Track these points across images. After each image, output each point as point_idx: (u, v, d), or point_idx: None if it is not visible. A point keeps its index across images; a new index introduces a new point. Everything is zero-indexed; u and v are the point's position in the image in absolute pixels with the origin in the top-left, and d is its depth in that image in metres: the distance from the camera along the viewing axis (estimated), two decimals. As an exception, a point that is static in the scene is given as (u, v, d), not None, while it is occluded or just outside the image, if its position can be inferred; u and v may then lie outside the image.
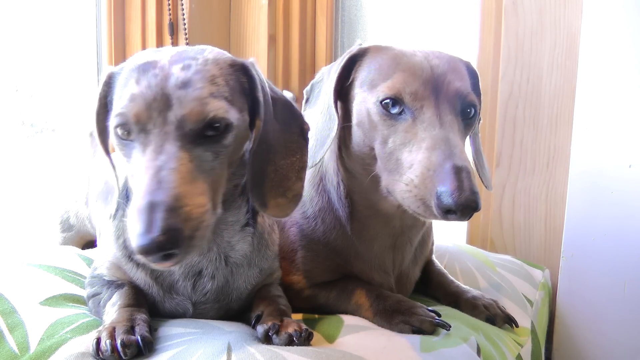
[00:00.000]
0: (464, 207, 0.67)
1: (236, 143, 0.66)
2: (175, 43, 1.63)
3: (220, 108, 0.62)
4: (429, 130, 0.74)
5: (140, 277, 0.79)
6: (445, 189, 0.68)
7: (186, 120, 0.61)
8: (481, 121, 0.97)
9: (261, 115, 0.67)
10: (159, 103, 0.61)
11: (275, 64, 1.77)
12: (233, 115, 0.63)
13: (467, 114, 0.80)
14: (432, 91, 0.77)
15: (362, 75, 0.83)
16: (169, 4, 1.61)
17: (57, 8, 1.59)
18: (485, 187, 0.92)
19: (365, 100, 0.81)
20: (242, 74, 0.68)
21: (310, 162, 0.80)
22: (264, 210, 0.70)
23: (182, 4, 1.62)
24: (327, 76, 0.89)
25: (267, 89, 0.70)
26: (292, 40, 1.77)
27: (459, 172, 0.69)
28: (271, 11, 1.73)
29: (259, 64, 1.83)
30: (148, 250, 0.55)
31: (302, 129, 0.74)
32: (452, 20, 1.59)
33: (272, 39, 1.74)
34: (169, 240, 0.54)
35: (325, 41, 1.78)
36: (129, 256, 0.79)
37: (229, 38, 1.81)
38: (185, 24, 1.62)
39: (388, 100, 0.77)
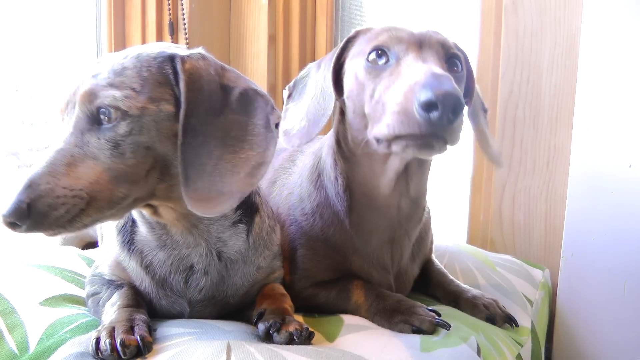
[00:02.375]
0: (444, 97, 0.66)
1: (146, 133, 0.64)
2: (175, 43, 1.63)
3: (110, 96, 0.63)
4: (413, 65, 0.75)
5: (132, 267, 0.79)
6: (425, 88, 0.68)
7: (79, 107, 0.64)
8: (488, 111, 0.97)
9: (182, 105, 0.65)
10: (74, 94, 0.66)
11: (275, 64, 1.77)
12: (132, 103, 0.63)
13: (453, 68, 0.82)
14: (416, 42, 0.79)
15: (353, 51, 0.86)
16: (169, 4, 1.61)
17: (57, 8, 1.59)
18: (494, 163, 0.91)
19: (354, 66, 0.83)
20: (168, 65, 0.67)
21: (304, 139, 0.84)
22: (189, 205, 0.65)
23: (182, 4, 1.62)
24: (316, 69, 0.91)
25: (212, 77, 0.68)
26: (292, 40, 1.77)
27: (439, 76, 0.70)
28: (271, 11, 1.73)
29: (258, 63, 1.82)
30: (1, 218, 0.60)
31: (267, 120, 0.68)
32: (452, 20, 1.59)
33: (272, 39, 1.74)
34: (14, 212, 0.59)
35: (325, 41, 1.78)
36: (125, 246, 0.79)
37: (229, 38, 1.81)
38: (185, 24, 1.62)
39: (374, 53, 0.79)
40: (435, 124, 0.68)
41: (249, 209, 0.80)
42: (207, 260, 0.78)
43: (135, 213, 0.78)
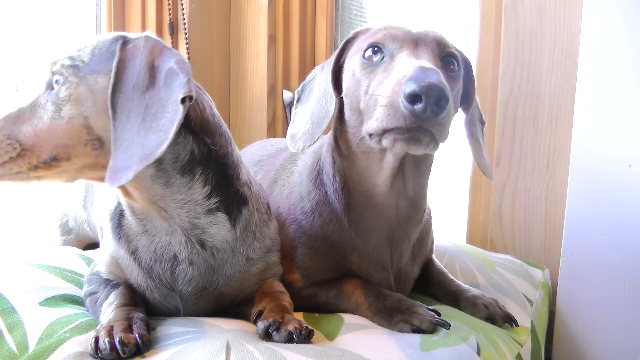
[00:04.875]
0: (428, 88, 0.67)
1: (84, 103, 0.69)
2: (175, 43, 1.63)
3: (60, 64, 0.71)
4: (405, 61, 0.76)
5: (122, 256, 0.81)
6: (410, 80, 0.69)
7: (47, 75, 0.72)
8: (485, 124, 0.98)
9: (111, 80, 0.68)
10: None
11: (275, 64, 1.77)
12: (74, 72, 0.70)
13: (449, 67, 0.82)
14: (412, 40, 0.80)
15: (352, 51, 0.87)
16: (169, 4, 1.61)
17: (58, 8, 1.59)
18: (485, 175, 0.92)
19: (352, 64, 0.84)
20: (114, 45, 0.71)
21: (309, 142, 0.85)
22: (106, 175, 0.67)
23: (182, 4, 1.62)
24: (320, 72, 0.93)
25: (145, 56, 0.69)
26: (292, 40, 1.77)
27: (427, 70, 0.70)
28: (271, 11, 1.73)
29: (258, 63, 1.81)
30: None
31: (178, 96, 0.66)
32: (452, 20, 1.59)
33: (272, 39, 1.74)
34: None
35: (325, 41, 1.78)
36: (115, 231, 0.81)
37: (229, 38, 1.81)
38: (185, 24, 1.62)
39: (370, 50, 0.81)
40: (420, 116, 0.69)
41: (233, 199, 0.80)
42: (189, 249, 0.78)
43: (120, 197, 0.80)
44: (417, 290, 1.04)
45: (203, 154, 0.76)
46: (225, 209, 0.79)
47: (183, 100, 0.66)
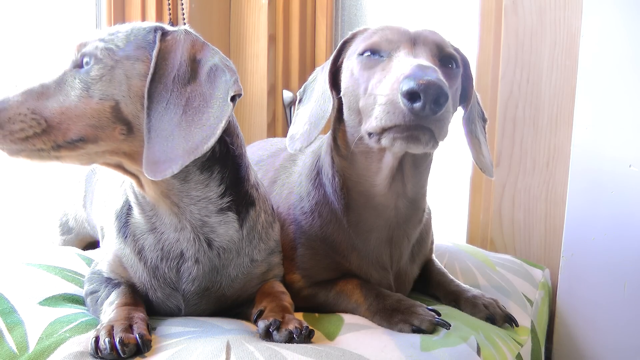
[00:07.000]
0: (426, 86, 0.67)
1: (117, 86, 0.68)
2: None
3: (94, 45, 0.70)
4: (403, 60, 0.76)
5: (127, 255, 0.81)
6: (408, 78, 0.69)
7: (72, 54, 0.72)
8: (487, 122, 0.98)
9: (150, 70, 0.69)
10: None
11: (275, 64, 1.77)
12: (109, 54, 0.69)
13: (447, 65, 0.82)
14: (410, 40, 0.81)
15: (350, 51, 0.88)
16: (169, 4, 1.61)
17: (57, 7, 1.59)
18: (484, 173, 0.91)
19: (350, 64, 0.85)
20: (152, 34, 0.72)
21: (305, 143, 0.86)
22: (143, 166, 0.67)
23: (182, 4, 1.62)
24: (321, 72, 0.93)
25: (186, 49, 0.70)
26: (292, 40, 1.77)
27: (425, 68, 0.71)
28: (271, 11, 1.73)
29: (258, 63, 1.81)
30: None
31: (226, 93, 0.68)
32: (452, 20, 1.59)
33: (272, 39, 1.74)
34: None
35: (325, 41, 1.78)
36: (121, 230, 0.81)
37: (229, 38, 1.81)
38: (185, 24, 1.61)
39: (368, 50, 0.81)
40: (419, 114, 0.69)
41: (242, 199, 0.81)
42: (196, 246, 0.78)
43: (129, 193, 0.80)
44: (417, 290, 1.04)
45: (222, 152, 0.77)
46: (235, 209, 0.80)
47: (232, 99, 0.67)
